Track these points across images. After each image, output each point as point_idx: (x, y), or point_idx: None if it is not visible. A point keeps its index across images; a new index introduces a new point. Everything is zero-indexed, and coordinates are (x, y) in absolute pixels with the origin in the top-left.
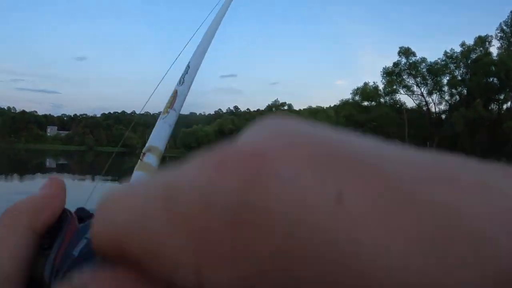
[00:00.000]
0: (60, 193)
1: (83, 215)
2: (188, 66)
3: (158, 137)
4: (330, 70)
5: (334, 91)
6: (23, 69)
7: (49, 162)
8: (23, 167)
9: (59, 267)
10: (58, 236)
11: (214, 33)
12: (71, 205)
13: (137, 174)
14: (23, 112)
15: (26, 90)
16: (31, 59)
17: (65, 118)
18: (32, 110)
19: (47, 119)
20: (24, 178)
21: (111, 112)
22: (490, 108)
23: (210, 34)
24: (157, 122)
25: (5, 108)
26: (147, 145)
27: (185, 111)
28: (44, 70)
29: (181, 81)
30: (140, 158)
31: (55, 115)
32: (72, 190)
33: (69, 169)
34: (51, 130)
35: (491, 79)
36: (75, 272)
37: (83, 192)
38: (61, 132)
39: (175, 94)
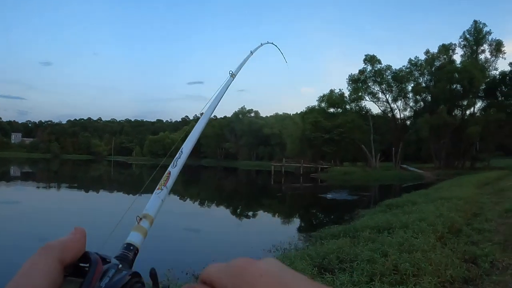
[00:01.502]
0: (82, 237)
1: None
2: (181, 152)
3: (152, 208)
4: (296, 77)
5: (300, 99)
6: None
7: (14, 171)
8: None
9: None
10: (88, 270)
11: (207, 120)
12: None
13: (133, 234)
14: None
15: None
16: None
17: (30, 125)
18: None
19: (12, 126)
20: None
21: (77, 118)
22: (454, 113)
23: (203, 122)
24: (152, 196)
25: None
26: (143, 212)
27: (151, 118)
28: (8, 75)
29: (174, 164)
30: (137, 222)
31: (20, 122)
32: (40, 200)
33: (35, 178)
34: (15, 137)
35: (454, 86)
36: None
37: (50, 202)
38: (26, 139)
39: (168, 175)
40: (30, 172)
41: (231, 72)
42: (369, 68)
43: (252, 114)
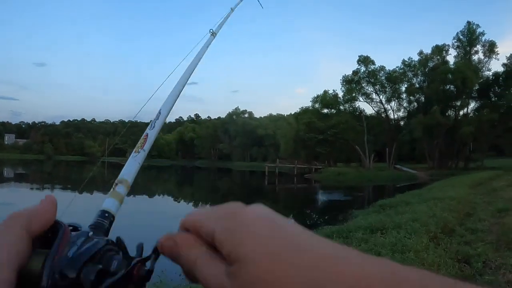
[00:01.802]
0: (52, 206)
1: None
2: (159, 113)
3: (128, 172)
4: (290, 78)
5: (294, 99)
6: None
7: (7, 172)
8: None
9: (56, 265)
10: (55, 240)
11: (186, 80)
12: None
13: (108, 200)
14: None
15: None
16: None
17: (23, 126)
18: None
19: (5, 127)
20: None
21: (71, 119)
22: (447, 114)
23: (181, 83)
24: (129, 159)
25: None
26: (119, 177)
27: (145, 119)
28: (1, 76)
29: (152, 126)
30: (113, 187)
31: (13, 123)
32: (34, 200)
33: (28, 179)
34: (8, 138)
35: (448, 87)
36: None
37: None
38: (19, 140)
39: (146, 137)
40: (24, 174)
41: (211, 30)
42: (363, 69)
43: (246, 115)
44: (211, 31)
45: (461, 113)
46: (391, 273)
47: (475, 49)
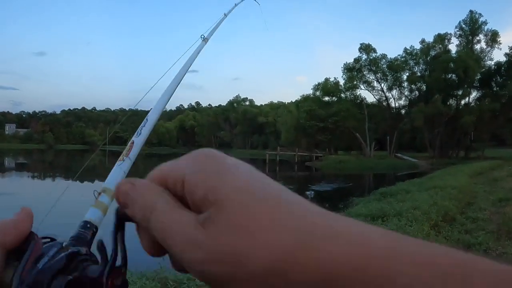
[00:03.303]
0: (27, 218)
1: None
2: (146, 120)
3: (113, 181)
4: (291, 66)
5: (295, 87)
6: None
7: (8, 162)
8: None
9: (25, 277)
10: (25, 253)
11: (176, 86)
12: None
13: (91, 210)
14: None
15: None
16: None
17: (24, 116)
18: None
19: (5, 117)
20: None
21: (71, 108)
22: (448, 103)
23: (171, 89)
24: (114, 167)
25: None
26: (103, 185)
27: (145, 107)
28: (1, 66)
29: (138, 133)
30: (96, 197)
31: (14, 113)
32: (34, 190)
33: (29, 169)
34: (9, 128)
35: (449, 76)
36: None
37: (44, 192)
38: (20, 130)
39: (131, 144)
40: (25, 163)
41: (203, 36)
42: (364, 56)
43: (247, 103)
44: (203, 36)
45: (462, 102)
46: (391, 241)
47: (478, 38)
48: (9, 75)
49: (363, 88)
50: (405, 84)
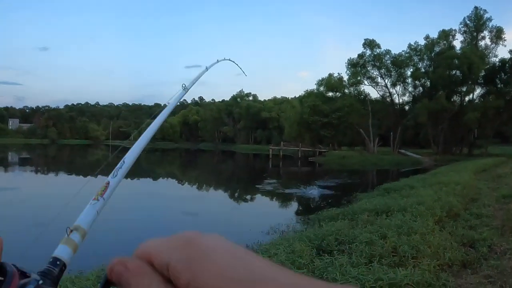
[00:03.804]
0: None
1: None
2: (123, 161)
3: (85, 219)
4: (294, 61)
5: (298, 82)
6: None
7: (11, 156)
8: None
9: None
10: (2, 286)
11: (154, 132)
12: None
13: (61, 247)
14: None
15: None
16: None
17: (27, 111)
18: None
19: (9, 112)
20: None
21: (75, 103)
22: (452, 100)
23: (148, 135)
24: (87, 206)
25: None
26: (75, 223)
27: (149, 102)
28: (4, 61)
29: (115, 174)
30: (67, 233)
31: (17, 108)
32: (38, 185)
33: (32, 163)
34: (12, 123)
35: (454, 72)
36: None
37: (48, 187)
38: (23, 125)
39: (107, 184)
40: (28, 158)
41: (183, 85)
42: (368, 52)
43: (250, 98)
44: (183, 86)
45: (466, 99)
46: None
47: (482, 34)
48: (12, 70)
49: (367, 83)
50: (409, 80)
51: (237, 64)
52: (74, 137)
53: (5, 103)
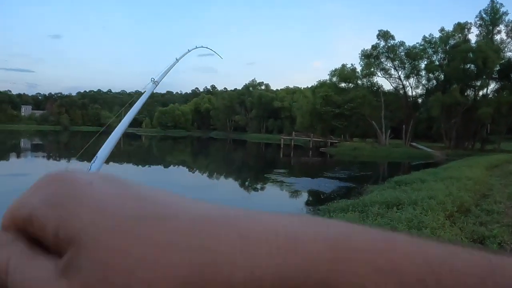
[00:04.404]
0: None
1: None
2: (96, 157)
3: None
4: (307, 51)
5: (311, 72)
6: None
7: (24, 143)
8: None
9: None
10: None
11: (126, 126)
12: None
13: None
14: None
15: (0, 69)
16: (3, 37)
17: (40, 98)
18: (6, 89)
19: (22, 99)
20: None
21: (87, 90)
22: (466, 94)
23: (120, 129)
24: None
25: None
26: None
27: (161, 90)
28: (18, 49)
29: (88, 169)
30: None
31: (30, 95)
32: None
33: (45, 149)
34: (25, 110)
35: (468, 66)
36: None
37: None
38: (36, 111)
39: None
40: (40, 144)
41: (153, 79)
42: (382, 43)
43: (263, 87)
44: (153, 79)
45: (480, 93)
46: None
47: (498, 29)
48: (25, 57)
49: (380, 75)
50: (423, 72)
51: (211, 49)
52: (86, 124)
53: (18, 90)
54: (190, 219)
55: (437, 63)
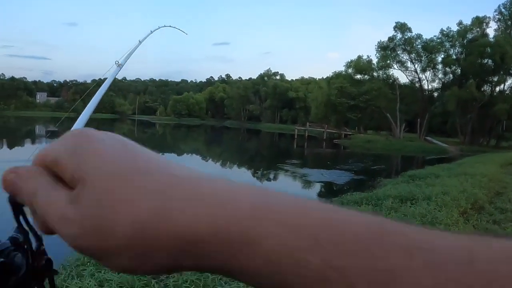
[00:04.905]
0: None
1: None
2: None
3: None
4: (323, 42)
5: (326, 63)
6: (12, 35)
7: (39, 129)
8: (13, 134)
9: None
10: None
11: (93, 109)
12: None
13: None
14: (12, 79)
15: (15, 56)
16: (20, 24)
17: (55, 85)
18: (22, 76)
19: (37, 86)
20: (13, 145)
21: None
22: (482, 89)
23: (88, 112)
24: None
25: None
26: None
27: (176, 78)
28: (34, 36)
29: None
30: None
31: (45, 82)
32: None
33: (59, 135)
34: (40, 97)
35: (485, 61)
36: None
37: None
38: (51, 98)
39: None
40: (55, 131)
41: (117, 62)
42: (399, 36)
43: (278, 77)
44: (117, 62)
45: (497, 89)
46: (262, 195)
47: None
48: (40, 45)
49: (396, 68)
50: (440, 66)
51: (175, 27)
52: (101, 111)
53: (33, 77)
54: (163, 175)
55: (454, 57)
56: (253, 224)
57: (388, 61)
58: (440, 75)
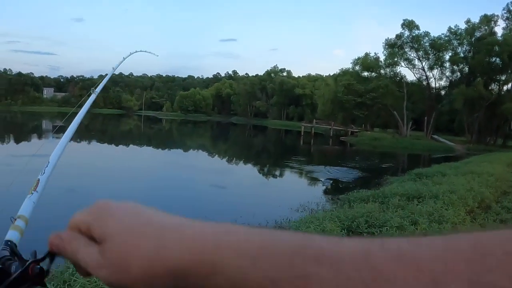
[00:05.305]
0: None
1: None
2: (48, 162)
3: (26, 210)
4: (329, 39)
5: (333, 60)
6: (19, 30)
7: (45, 124)
8: (20, 129)
9: None
10: None
11: (73, 133)
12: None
13: (10, 232)
14: (19, 74)
15: (22, 52)
16: (27, 20)
17: (61, 80)
18: (29, 72)
19: (44, 81)
20: (20, 140)
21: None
22: (490, 88)
23: (68, 136)
24: (25, 199)
25: (1, 70)
26: (18, 213)
27: (183, 74)
28: (41, 32)
29: (42, 172)
30: (13, 222)
31: (52, 77)
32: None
33: (65, 131)
34: (47, 92)
35: (493, 59)
36: None
37: (81, 154)
38: (57, 94)
39: (38, 181)
40: (62, 126)
41: (92, 89)
42: (406, 33)
43: (284, 74)
44: (93, 90)
45: (505, 88)
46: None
47: None
48: (47, 40)
49: (403, 65)
50: (447, 64)
51: (146, 51)
52: (108, 107)
53: (40, 72)
54: (159, 224)
55: (461, 55)
56: (216, 256)
57: (396, 59)
58: (448, 73)
